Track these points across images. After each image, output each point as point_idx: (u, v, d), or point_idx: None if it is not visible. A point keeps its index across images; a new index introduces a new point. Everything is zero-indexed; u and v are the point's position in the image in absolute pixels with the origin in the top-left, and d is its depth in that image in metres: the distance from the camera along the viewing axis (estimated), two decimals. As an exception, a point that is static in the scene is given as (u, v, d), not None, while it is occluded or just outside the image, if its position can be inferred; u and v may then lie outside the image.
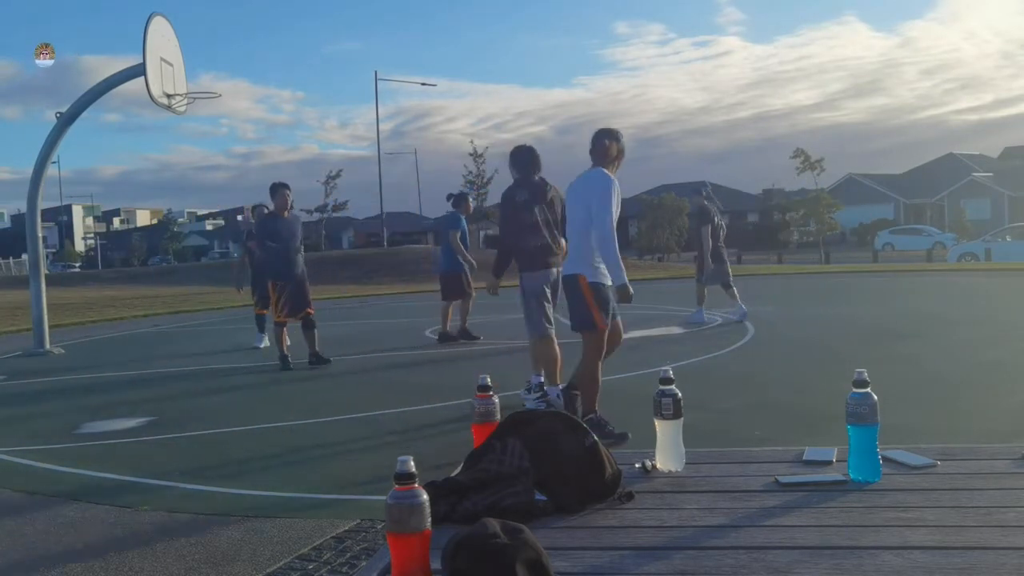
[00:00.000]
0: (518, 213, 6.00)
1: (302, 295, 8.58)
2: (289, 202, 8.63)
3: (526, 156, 6.18)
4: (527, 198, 5.98)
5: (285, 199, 8.56)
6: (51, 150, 11.90)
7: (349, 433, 5.78)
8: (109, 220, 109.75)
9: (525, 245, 5.96)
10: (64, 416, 6.74)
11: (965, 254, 28.59)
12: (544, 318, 5.96)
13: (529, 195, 5.99)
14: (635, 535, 1.99)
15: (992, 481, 2.27)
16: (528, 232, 5.94)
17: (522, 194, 6.01)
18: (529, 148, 6.24)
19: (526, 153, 6.20)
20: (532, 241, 5.94)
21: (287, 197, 8.59)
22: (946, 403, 5.80)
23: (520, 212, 5.98)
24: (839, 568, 1.71)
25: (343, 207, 56.22)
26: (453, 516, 2.05)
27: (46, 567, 3.47)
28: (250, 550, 3.54)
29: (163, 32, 11.73)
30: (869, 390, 2.27)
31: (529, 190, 6.02)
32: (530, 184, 6.05)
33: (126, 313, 17.94)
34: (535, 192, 6.01)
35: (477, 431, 2.56)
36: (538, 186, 6.06)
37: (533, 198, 5.98)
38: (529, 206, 5.94)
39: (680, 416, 2.45)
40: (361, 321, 14.28)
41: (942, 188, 53.24)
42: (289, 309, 8.54)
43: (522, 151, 6.22)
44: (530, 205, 5.95)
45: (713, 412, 5.62)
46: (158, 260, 64.20)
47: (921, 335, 9.22)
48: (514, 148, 6.29)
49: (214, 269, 36.52)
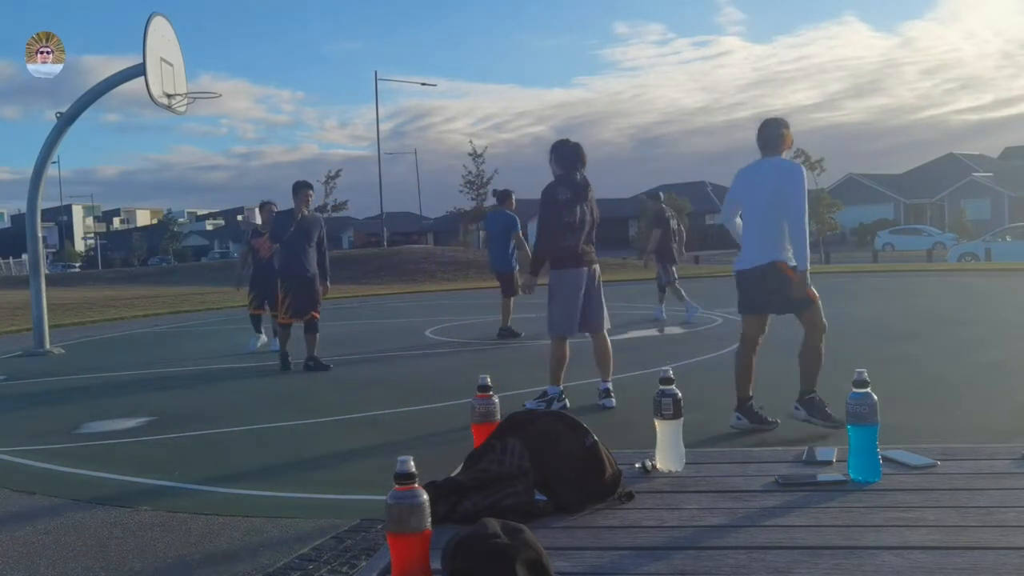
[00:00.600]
0: (559, 211, 5.83)
1: (309, 297, 8.39)
2: (308, 202, 8.46)
3: (572, 152, 6.00)
4: (570, 197, 5.83)
5: (305, 199, 8.39)
6: (51, 150, 11.90)
7: (349, 433, 5.78)
8: (109, 220, 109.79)
9: (563, 243, 5.84)
10: (64, 416, 6.74)
11: (965, 254, 28.59)
12: (567, 318, 5.88)
13: (572, 194, 5.85)
14: (635, 535, 1.99)
15: (992, 481, 2.27)
16: (567, 231, 5.82)
17: (565, 192, 5.85)
18: (575, 144, 6.05)
19: (572, 149, 6.01)
20: (570, 240, 5.83)
21: (308, 197, 8.43)
22: (946, 403, 5.80)
23: (561, 210, 5.83)
24: (839, 568, 1.71)
25: (343, 207, 56.26)
26: (453, 516, 2.05)
27: (46, 567, 3.47)
28: (250, 550, 3.54)
29: (163, 32, 11.72)
30: (869, 390, 2.27)
31: (572, 189, 5.87)
32: (573, 182, 5.90)
33: (126, 313, 17.93)
34: (578, 191, 5.88)
35: (477, 431, 2.56)
36: (580, 185, 5.91)
37: (576, 197, 5.85)
38: (571, 205, 5.82)
39: (680, 416, 2.45)
40: (361, 321, 14.28)
41: (942, 188, 53.24)
42: (293, 310, 8.40)
43: (567, 146, 6.03)
44: (572, 204, 5.82)
45: (713, 412, 5.61)
46: (158, 260, 64.20)
47: (921, 335, 9.21)
48: (557, 142, 6.10)
49: (214, 269, 36.52)
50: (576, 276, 5.88)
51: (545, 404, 5.73)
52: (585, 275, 5.89)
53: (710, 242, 55.67)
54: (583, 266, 5.89)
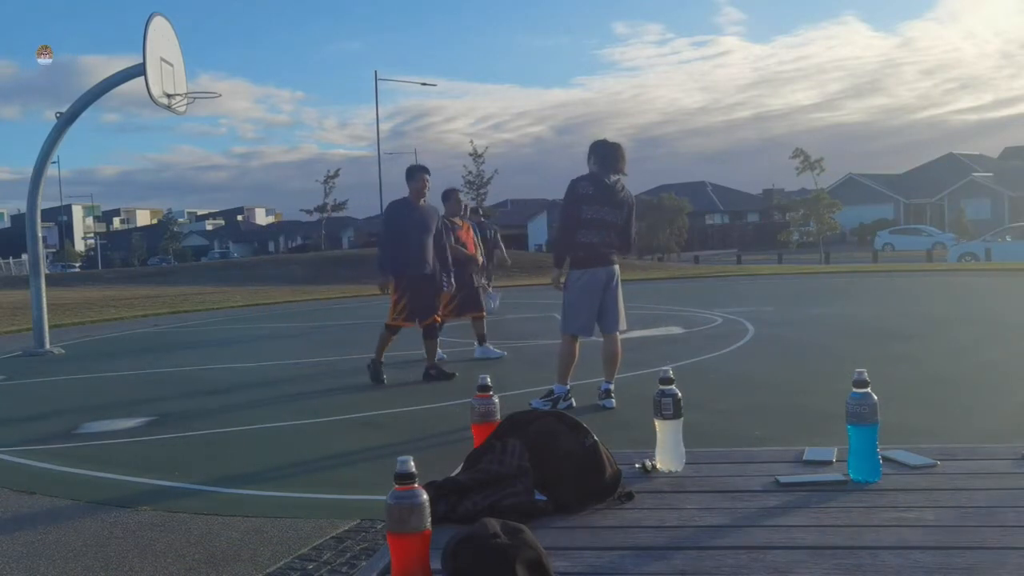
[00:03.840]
0: (578, 205, 5.76)
1: (431, 297, 7.53)
2: (426, 188, 7.54)
3: (609, 152, 5.86)
4: (592, 193, 5.75)
5: (423, 184, 7.49)
6: (51, 150, 11.89)
7: (349, 433, 5.78)
8: (109, 220, 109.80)
9: (581, 240, 5.77)
10: (64, 416, 6.74)
11: (965, 254, 28.59)
12: (581, 319, 5.83)
13: (595, 191, 5.76)
14: (635, 535, 1.98)
15: (992, 481, 2.27)
16: (582, 227, 5.75)
17: (587, 188, 5.77)
18: (615, 145, 5.92)
19: (610, 149, 5.87)
20: (584, 237, 5.76)
21: (425, 183, 7.52)
22: (946, 403, 5.80)
23: (579, 204, 5.75)
24: (839, 568, 1.71)
25: (342, 207, 56.23)
26: (453, 516, 2.05)
27: (46, 567, 3.47)
28: (250, 550, 3.54)
29: (163, 32, 11.72)
30: (869, 390, 2.26)
31: (597, 186, 5.78)
32: (599, 181, 5.80)
33: (126, 313, 17.93)
34: (603, 190, 5.78)
35: (477, 431, 2.56)
36: (609, 186, 5.80)
37: (600, 195, 5.76)
38: (592, 202, 5.74)
39: (680, 416, 2.45)
40: (361, 321, 14.27)
41: (942, 188, 53.22)
42: (409, 312, 7.45)
43: (606, 146, 5.89)
44: (593, 201, 5.74)
45: (713, 412, 5.62)
46: (158, 260, 64.20)
47: (921, 335, 9.22)
48: (597, 141, 5.98)
49: (214, 269, 36.53)
50: (593, 276, 5.82)
51: (551, 403, 5.72)
52: (603, 275, 5.84)
53: (710, 242, 55.73)
54: (601, 266, 5.83)
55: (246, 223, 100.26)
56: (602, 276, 5.84)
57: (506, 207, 64.36)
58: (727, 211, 65.23)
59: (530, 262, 30.66)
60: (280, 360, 9.77)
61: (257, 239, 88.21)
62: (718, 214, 64.35)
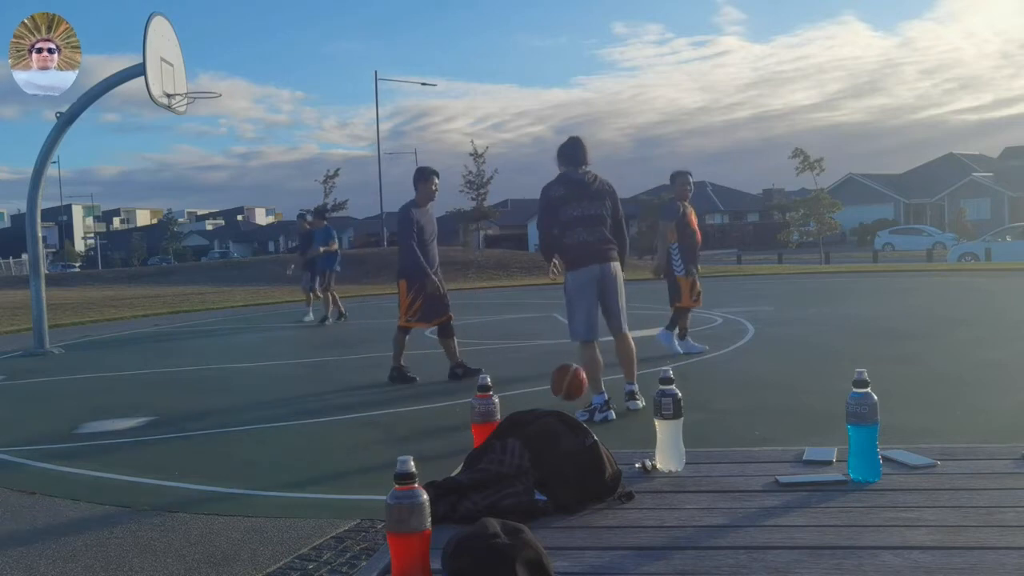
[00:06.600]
0: (554, 209, 5.74)
1: (441, 297, 7.58)
2: (435, 192, 7.56)
3: (568, 149, 5.84)
4: (563, 193, 5.72)
5: (432, 188, 7.52)
6: (51, 150, 11.89)
7: (349, 433, 5.78)
8: (109, 220, 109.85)
9: (565, 241, 5.73)
10: (64, 416, 6.74)
11: (965, 254, 28.60)
12: (584, 321, 5.71)
13: (566, 190, 5.73)
14: (635, 535, 1.98)
15: (992, 481, 2.27)
16: (566, 228, 5.71)
17: (557, 189, 5.75)
18: (574, 139, 5.88)
19: (569, 145, 5.85)
20: (570, 238, 5.70)
21: (434, 186, 7.54)
22: (946, 403, 5.80)
23: (557, 208, 5.73)
24: (839, 568, 1.71)
25: (342, 207, 56.23)
26: (453, 516, 2.05)
27: (46, 567, 3.47)
28: (250, 550, 3.54)
29: (163, 32, 11.72)
30: (869, 390, 2.26)
31: (567, 186, 5.74)
32: (569, 179, 5.76)
33: (126, 313, 17.93)
34: (573, 186, 5.74)
35: (477, 431, 2.56)
36: (578, 180, 5.76)
37: (571, 192, 5.72)
38: (566, 201, 5.70)
39: (680, 416, 2.45)
40: (361, 321, 14.27)
41: (942, 188, 53.24)
42: (422, 314, 7.54)
43: (566, 145, 5.87)
44: (567, 200, 5.70)
45: (713, 412, 5.61)
46: (158, 260, 64.17)
47: (921, 335, 9.22)
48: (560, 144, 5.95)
49: (214, 269, 36.52)
50: (587, 273, 5.71)
51: (589, 414, 5.51)
52: (596, 271, 5.71)
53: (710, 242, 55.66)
54: (594, 263, 5.70)
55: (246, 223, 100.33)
56: (596, 272, 5.69)
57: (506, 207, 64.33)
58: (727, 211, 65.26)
59: (530, 262, 30.66)
60: (280, 360, 9.78)
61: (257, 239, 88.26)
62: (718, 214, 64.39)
